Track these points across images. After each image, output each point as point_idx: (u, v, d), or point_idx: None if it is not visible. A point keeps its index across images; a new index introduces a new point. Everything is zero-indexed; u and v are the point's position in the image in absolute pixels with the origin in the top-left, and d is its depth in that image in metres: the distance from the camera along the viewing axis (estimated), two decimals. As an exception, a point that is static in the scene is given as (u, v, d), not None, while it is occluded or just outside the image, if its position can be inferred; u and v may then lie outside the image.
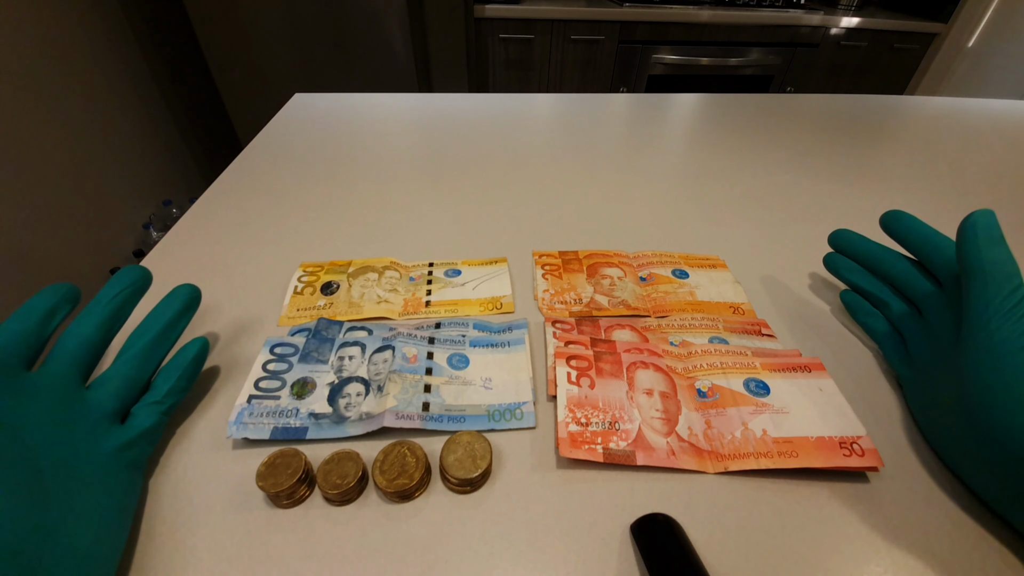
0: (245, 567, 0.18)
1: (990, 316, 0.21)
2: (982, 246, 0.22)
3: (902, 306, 0.28)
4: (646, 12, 1.43)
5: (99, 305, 0.23)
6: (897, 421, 0.25)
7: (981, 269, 0.22)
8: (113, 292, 0.23)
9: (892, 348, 0.28)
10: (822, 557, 0.19)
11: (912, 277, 0.28)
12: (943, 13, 1.68)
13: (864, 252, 0.30)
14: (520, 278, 0.34)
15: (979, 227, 0.23)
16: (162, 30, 1.32)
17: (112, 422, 0.21)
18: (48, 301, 0.21)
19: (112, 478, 0.19)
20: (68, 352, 0.21)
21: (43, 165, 1.01)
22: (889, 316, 0.29)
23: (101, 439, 0.20)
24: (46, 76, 1.02)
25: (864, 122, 0.65)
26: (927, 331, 0.26)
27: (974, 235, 0.23)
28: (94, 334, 0.22)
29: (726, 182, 0.48)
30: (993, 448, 0.19)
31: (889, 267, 0.29)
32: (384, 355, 0.26)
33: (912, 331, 0.27)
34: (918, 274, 0.28)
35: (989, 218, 0.23)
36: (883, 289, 0.29)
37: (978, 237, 0.22)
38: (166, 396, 0.23)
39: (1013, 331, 0.20)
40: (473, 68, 1.39)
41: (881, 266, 0.29)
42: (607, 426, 0.23)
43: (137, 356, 0.23)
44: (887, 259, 0.29)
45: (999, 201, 0.47)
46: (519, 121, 0.61)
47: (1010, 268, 0.21)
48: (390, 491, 0.20)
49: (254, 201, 0.42)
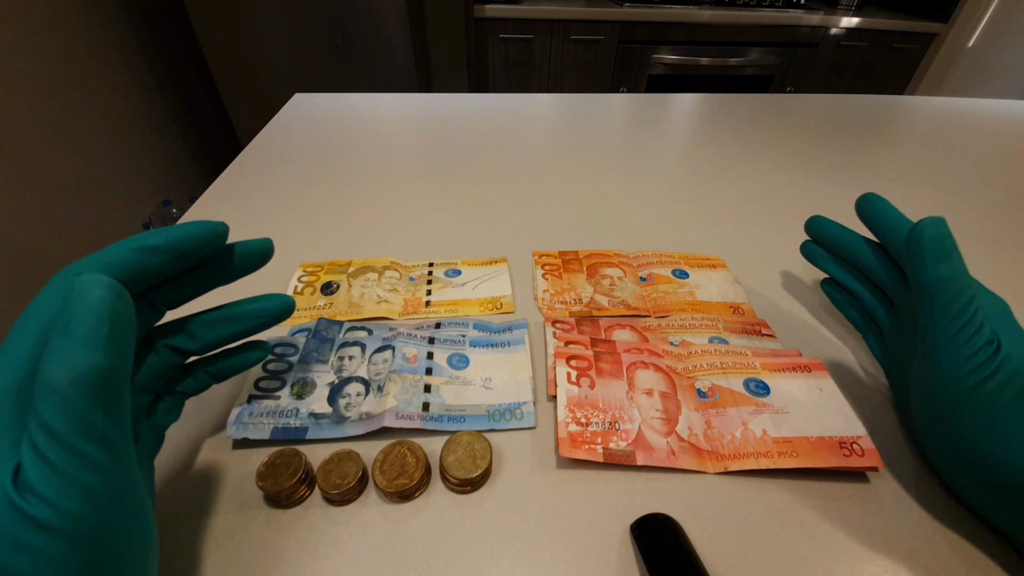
0: (245, 567, 0.18)
1: (936, 340, 0.19)
2: (928, 262, 0.20)
3: (872, 297, 0.27)
4: (646, 12, 1.43)
5: (244, 320, 0.21)
6: (897, 421, 0.25)
7: (927, 289, 0.20)
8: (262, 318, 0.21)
9: (873, 338, 0.27)
10: (822, 557, 0.19)
11: (880, 266, 0.26)
12: (943, 13, 1.68)
13: (837, 240, 0.28)
14: (520, 278, 0.34)
15: (925, 240, 0.20)
16: (162, 30, 1.32)
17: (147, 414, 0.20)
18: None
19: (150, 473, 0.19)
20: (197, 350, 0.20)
21: (43, 165, 1.01)
22: (864, 307, 0.28)
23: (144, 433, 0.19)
24: (46, 76, 1.02)
25: (864, 122, 0.65)
26: (899, 322, 0.25)
27: (920, 250, 0.21)
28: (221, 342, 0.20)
29: (726, 182, 0.48)
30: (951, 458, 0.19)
31: (859, 256, 0.27)
32: (384, 355, 0.26)
33: (885, 322, 0.26)
34: (888, 263, 0.26)
35: (937, 227, 0.20)
36: (854, 280, 0.28)
37: (924, 252, 0.20)
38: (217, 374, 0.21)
39: (959, 356, 0.19)
40: (473, 68, 1.39)
41: (851, 255, 0.27)
42: (607, 426, 0.23)
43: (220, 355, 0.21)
44: (856, 247, 0.27)
45: (999, 201, 0.47)
46: (519, 121, 0.61)
47: (957, 285, 0.19)
48: (390, 491, 0.20)
49: (254, 201, 0.42)
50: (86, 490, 0.12)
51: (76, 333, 0.12)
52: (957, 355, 0.19)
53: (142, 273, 0.17)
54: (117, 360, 0.13)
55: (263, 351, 0.22)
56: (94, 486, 0.12)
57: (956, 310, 0.19)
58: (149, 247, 0.17)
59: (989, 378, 0.18)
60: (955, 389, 0.19)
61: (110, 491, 0.13)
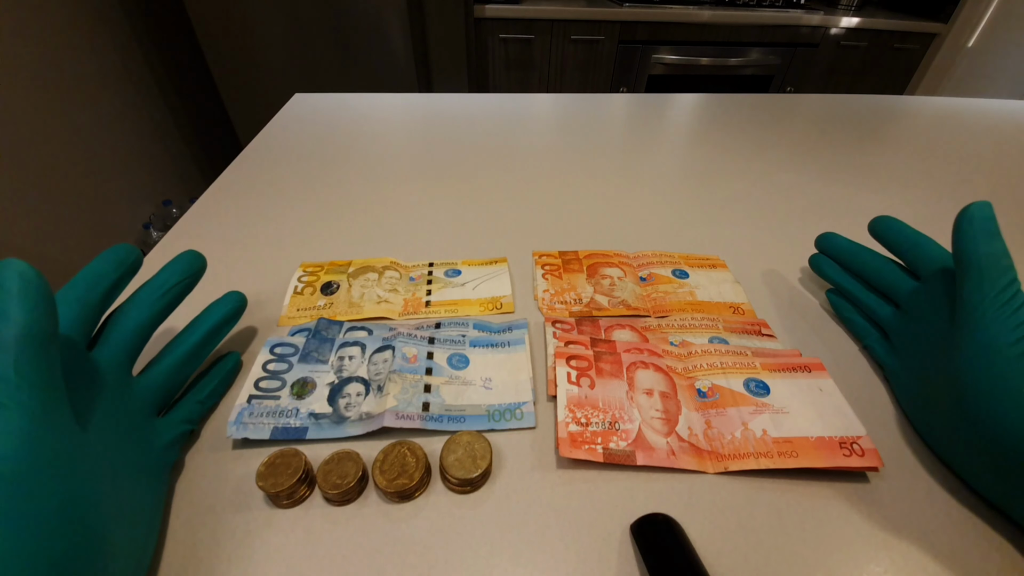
0: (245, 567, 0.18)
1: (984, 309, 0.20)
2: (978, 239, 0.22)
3: (880, 303, 0.29)
4: (646, 12, 1.43)
5: (156, 291, 0.21)
6: (897, 421, 0.25)
7: (977, 263, 0.22)
8: (172, 280, 0.22)
9: (875, 343, 0.28)
10: (822, 557, 0.19)
11: (891, 274, 0.28)
12: (943, 13, 1.68)
13: (846, 252, 0.31)
14: (520, 278, 0.34)
15: (976, 220, 0.22)
16: (162, 30, 1.32)
17: (153, 416, 0.21)
18: (114, 270, 0.20)
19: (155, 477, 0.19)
20: (125, 337, 0.20)
21: (43, 165, 1.01)
22: (869, 313, 0.29)
23: (149, 434, 0.20)
24: (46, 76, 1.01)
25: (864, 122, 0.65)
26: (909, 325, 0.26)
27: (970, 228, 0.22)
28: (147, 321, 0.21)
29: (726, 182, 0.48)
30: (986, 440, 0.19)
31: (868, 265, 0.30)
32: (384, 355, 0.26)
33: (893, 326, 0.28)
34: (897, 271, 0.28)
35: (986, 210, 0.23)
36: (860, 288, 0.30)
37: (975, 230, 0.22)
38: (208, 397, 0.23)
39: (1006, 325, 0.20)
40: (473, 68, 1.39)
41: (861, 265, 0.30)
42: (607, 426, 0.23)
43: (186, 354, 0.22)
44: (866, 258, 0.30)
45: (999, 201, 0.47)
46: (519, 121, 0.61)
47: (1005, 262, 0.21)
48: (390, 491, 0.20)
49: (254, 201, 0.42)
50: (3, 432, 0.13)
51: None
52: (1005, 324, 0.20)
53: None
54: (27, 325, 0.15)
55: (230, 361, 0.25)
56: (11, 428, 0.14)
57: (1004, 284, 0.20)
58: None
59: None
60: (1002, 356, 0.19)
61: (31, 434, 0.14)
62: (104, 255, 0.20)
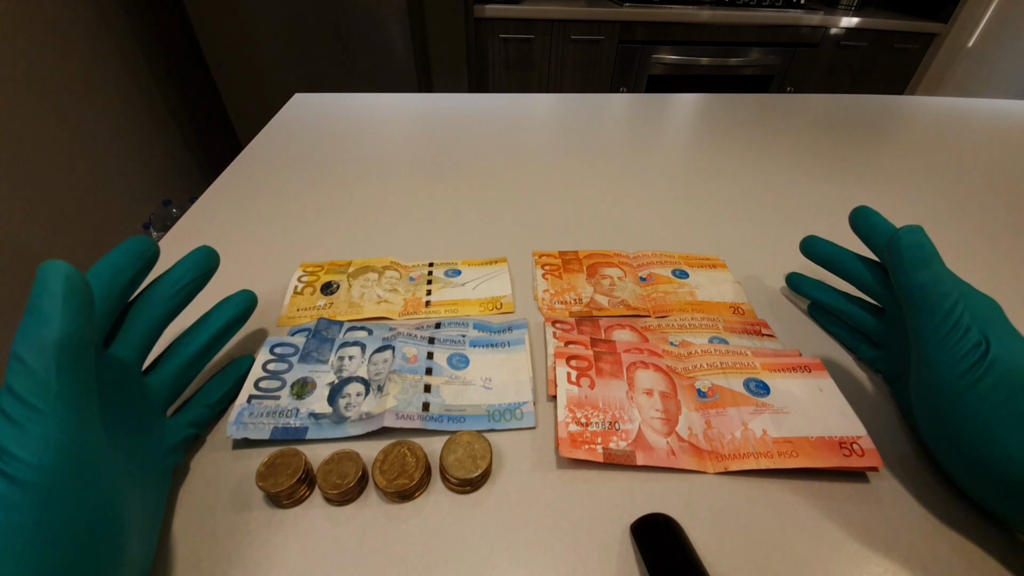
0: (245, 567, 0.18)
1: (925, 345, 0.20)
2: (908, 270, 0.21)
3: (862, 314, 0.28)
4: (646, 12, 1.43)
5: (170, 288, 0.21)
6: (897, 421, 0.25)
7: (911, 296, 0.21)
8: (186, 277, 0.22)
9: (864, 350, 0.28)
10: (822, 557, 0.19)
11: (872, 278, 0.27)
12: (943, 13, 1.68)
13: (829, 256, 0.29)
14: (520, 278, 0.34)
15: (903, 248, 0.21)
16: (162, 30, 1.32)
17: (161, 416, 0.21)
18: (132, 264, 0.19)
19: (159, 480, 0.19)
20: (139, 334, 0.20)
21: (43, 165, 1.01)
22: (850, 323, 0.29)
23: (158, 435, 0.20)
24: (46, 76, 1.01)
25: (864, 122, 0.65)
26: (893, 328, 0.26)
27: (899, 258, 0.21)
28: (161, 318, 0.21)
29: (726, 182, 0.48)
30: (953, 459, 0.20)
31: (849, 269, 0.28)
32: (384, 355, 0.26)
33: (879, 333, 0.27)
34: (880, 274, 0.27)
35: (913, 236, 0.21)
36: (842, 300, 0.29)
37: (904, 261, 0.21)
38: (218, 402, 0.23)
39: (950, 358, 0.19)
40: (473, 68, 1.39)
41: (842, 269, 0.29)
42: (607, 426, 0.23)
43: (196, 353, 0.22)
44: (847, 262, 0.28)
45: (999, 201, 0.47)
46: (519, 121, 0.61)
47: (940, 290, 0.20)
48: (390, 491, 0.20)
49: (254, 201, 0.42)
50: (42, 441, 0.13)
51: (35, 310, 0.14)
52: (946, 359, 0.19)
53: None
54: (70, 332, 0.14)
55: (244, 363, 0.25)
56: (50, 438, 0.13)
57: (941, 315, 0.20)
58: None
59: (980, 380, 0.18)
60: (948, 392, 0.19)
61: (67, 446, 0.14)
62: (122, 247, 0.19)
